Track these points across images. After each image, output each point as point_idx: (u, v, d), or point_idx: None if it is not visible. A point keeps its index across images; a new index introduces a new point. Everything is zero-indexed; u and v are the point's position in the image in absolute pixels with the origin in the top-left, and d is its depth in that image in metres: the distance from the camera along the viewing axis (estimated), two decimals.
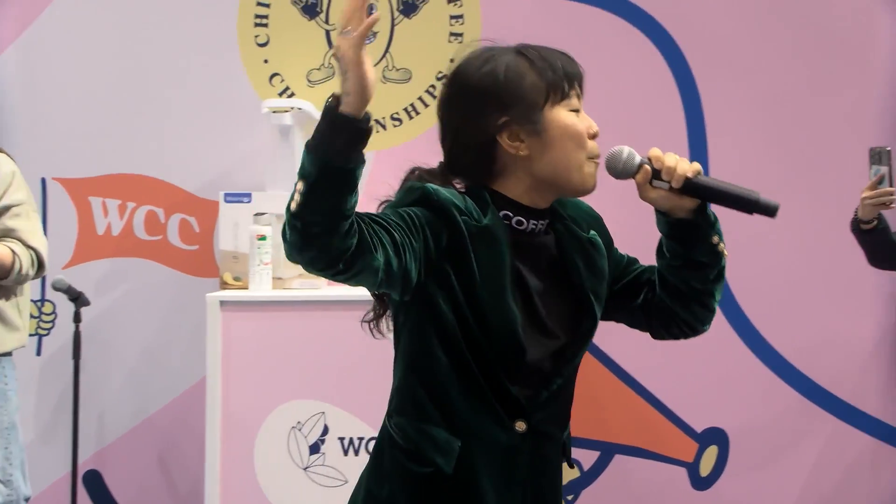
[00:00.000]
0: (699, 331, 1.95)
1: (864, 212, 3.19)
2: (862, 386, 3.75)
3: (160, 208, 3.88)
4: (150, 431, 3.87)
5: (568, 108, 1.80)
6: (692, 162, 1.82)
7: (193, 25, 3.86)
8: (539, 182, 1.82)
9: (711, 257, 1.87)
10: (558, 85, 1.79)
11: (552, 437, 1.87)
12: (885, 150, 3.18)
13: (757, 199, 1.79)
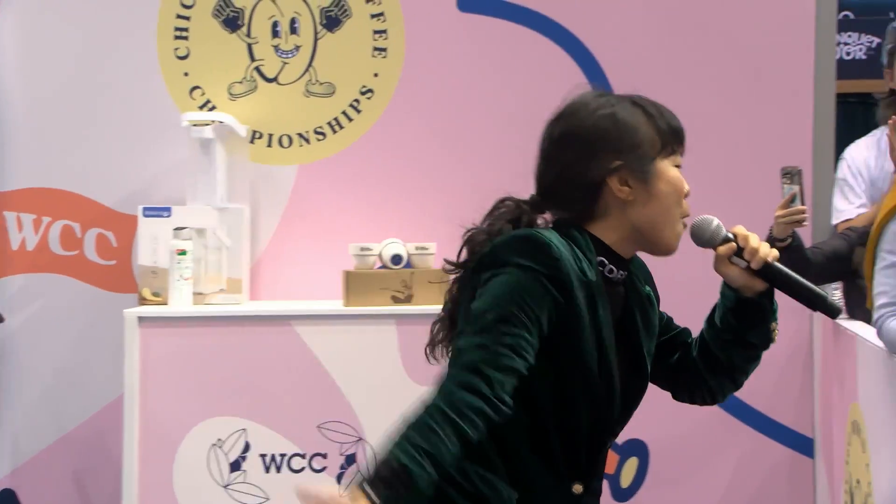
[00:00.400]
0: (718, 401, 2.02)
1: (778, 230, 3.26)
2: (777, 397, 3.81)
3: (77, 223, 3.82)
4: (66, 450, 3.80)
5: (674, 163, 1.87)
6: (772, 248, 1.87)
7: (112, 37, 3.81)
8: (635, 231, 1.85)
9: (764, 340, 1.92)
10: (669, 139, 1.86)
11: (597, 493, 1.90)
12: (796, 170, 3.25)
13: (825, 298, 1.86)
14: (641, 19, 3.83)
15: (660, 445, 3.82)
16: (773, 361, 3.78)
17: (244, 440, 3.45)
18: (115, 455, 3.66)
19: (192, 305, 3.51)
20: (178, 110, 3.78)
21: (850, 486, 3.06)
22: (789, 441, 3.81)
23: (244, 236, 3.68)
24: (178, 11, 3.82)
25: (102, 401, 3.77)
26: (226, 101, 3.83)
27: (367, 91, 3.84)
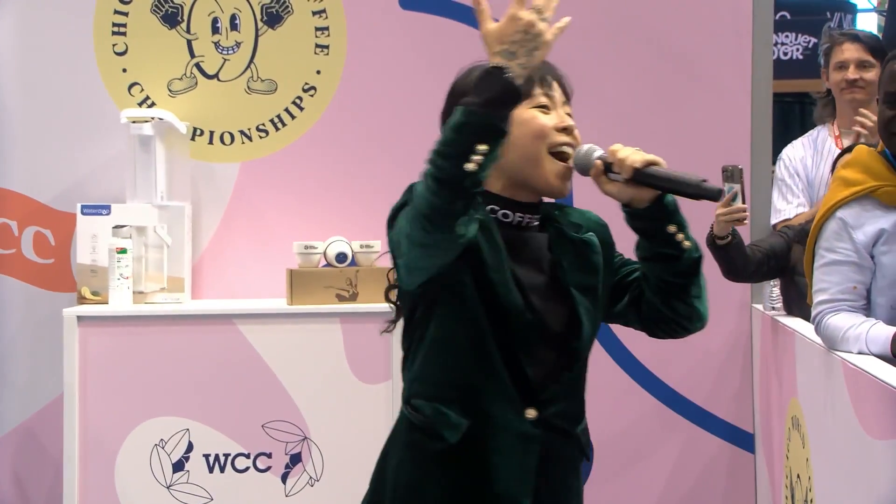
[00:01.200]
0: (689, 329, 2.01)
1: (719, 228, 3.31)
2: (717, 393, 3.87)
3: (13, 221, 3.76)
4: (4, 451, 3.74)
5: (529, 105, 1.91)
6: (641, 153, 1.88)
7: (48, 32, 3.75)
8: (511, 178, 1.93)
9: (673, 248, 1.91)
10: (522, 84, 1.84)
11: (566, 432, 1.95)
12: (737, 169, 3.29)
13: (699, 182, 1.84)
14: (579, 17, 3.82)
15: (602, 441, 3.84)
16: (713, 357, 3.86)
17: (187, 440, 3.42)
18: (55, 456, 3.61)
19: (132, 304, 3.47)
20: (116, 107, 3.74)
21: (790, 481, 3.11)
22: (729, 436, 3.86)
23: (185, 234, 3.64)
24: (115, 7, 3.77)
25: (41, 401, 3.71)
26: (165, 97, 3.79)
27: (310, 88, 3.82)
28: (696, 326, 2.01)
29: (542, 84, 1.94)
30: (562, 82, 1.99)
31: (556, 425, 1.93)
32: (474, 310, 1.88)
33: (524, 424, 1.90)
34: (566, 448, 1.96)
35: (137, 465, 3.39)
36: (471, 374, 1.90)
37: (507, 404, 1.89)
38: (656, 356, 3.85)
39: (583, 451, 2.00)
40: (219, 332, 3.41)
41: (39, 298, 3.73)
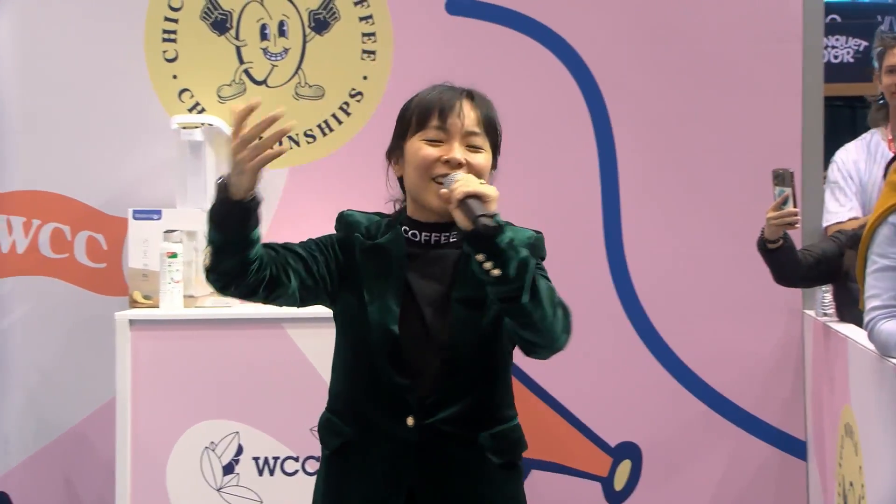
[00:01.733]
0: (535, 353, 2.02)
1: (770, 231, 3.28)
2: (768, 400, 3.84)
3: (66, 225, 3.81)
4: (57, 453, 3.79)
5: (423, 137, 2.07)
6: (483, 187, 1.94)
7: (100, 40, 3.80)
8: (414, 200, 2.12)
9: (484, 275, 1.91)
10: (418, 118, 2.09)
11: (458, 438, 2.05)
12: (788, 172, 3.26)
13: (476, 217, 1.88)
14: (629, 21, 3.85)
15: (652, 448, 3.84)
16: (763, 363, 3.83)
17: (237, 443, 3.44)
18: (106, 458, 3.65)
19: (183, 308, 3.50)
20: (166, 113, 3.78)
21: (843, 489, 3.07)
22: (780, 443, 3.83)
23: None
24: (165, 14, 3.81)
25: (94, 404, 3.76)
26: (215, 103, 3.82)
27: (357, 94, 3.84)
28: (540, 351, 2.00)
29: (439, 116, 2.07)
30: (478, 109, 2.10)
31: (446, 431, 2.04)
32: (356, 327, 2.07)
33: (403, 431, 2.04)
34: (460, 453, 2.06)
35: (188, 467, 3.41)
36: (356, 386, 2.09)
37: (387, 412, 2.05)
38: (705, 361, 3.83)
39: (485, 455, 2.07)
40: (268, 336, 3.43)
41: (92, 302, 3.77)
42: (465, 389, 2.05)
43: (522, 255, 1.90)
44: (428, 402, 2.04)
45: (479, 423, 2.07)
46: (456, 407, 2.05)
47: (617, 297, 3.83)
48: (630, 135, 3.85)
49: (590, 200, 3.85)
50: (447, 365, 2.05)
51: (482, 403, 2.08)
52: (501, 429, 2.11)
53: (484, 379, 2.07)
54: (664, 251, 3.84)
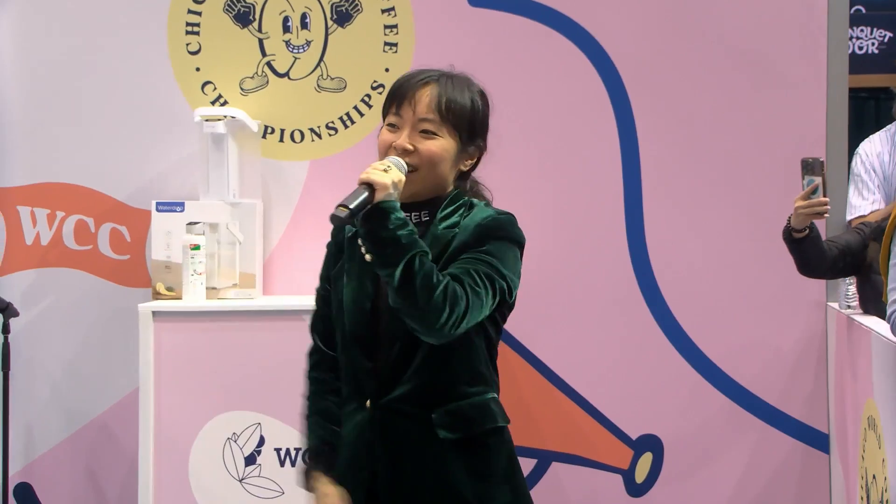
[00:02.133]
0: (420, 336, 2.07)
1: (797, 220, 3.24)
2: (791, 392, 3.82)
3: (90, 217, 3.83)
4: (80, 444, 3.81)
5: (386, 122, 2.20)
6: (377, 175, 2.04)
7: (123, 33, 3.81)
8: None
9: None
10: (384, 104, 2.23)
11: (411, 415, 2.12)
12: (818, 161, 3.23)
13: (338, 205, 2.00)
14: (653, 14, 3.83)
15: (674, 441, 3.83)
16: (786, 355, 3.81)
17: (259, 434, 3.46)
18: (129, 449, 3.68)
19: (205, 300, 3.52)
20: (189, 105, 3.79)
21: (865, 482, 3.06)
22: (803, 436, 3.80)
23: (257, 231, 3.68)
24: (189, 6, 3.83)
25: (116, 395, 3.78)
26: (237, 96, 3.83)
27: (379, 86, 3.84)
28: (421, 337, 2.06)
29: (395, 104, 2.18)
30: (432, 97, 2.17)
31: (399, 409, 2.13)
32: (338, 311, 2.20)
33: (361, 412, 2.15)
34: (414, 430, 2.13)
35: (210, 458, 3.43)
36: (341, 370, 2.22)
37: (354, 396, 2.18)
38: (727, 354, 3.82)
39: (436, 432, 2.12)
40: (289, 328, 3.43)
41: (115, 294, 3.79)
42: (416, 367, 2.12)
43: (403, 242, 2.00)
44: (383, 380, 2.13)
45: (431, 401, 2.13)
46: (408, 385, 2.12)
47: (639, 290, 3.82)
48: (653, 128, 3.84)
49: (612, 193, 3.84)
50: (396, 342, 2.12)
51: (434, 381, 2.13)
52: (458, 405, 2.14)
53: (435, 356, 2.11)
54: (686, 243, 3.83)
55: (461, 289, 2.02)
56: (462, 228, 2.14)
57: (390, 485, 2.14)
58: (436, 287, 2.00)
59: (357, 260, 2.15)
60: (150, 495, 3.38)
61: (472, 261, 2.08)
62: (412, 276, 1.99)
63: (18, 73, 3.81)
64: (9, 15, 3.80)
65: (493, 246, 2.11)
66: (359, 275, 2.16)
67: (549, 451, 3.88)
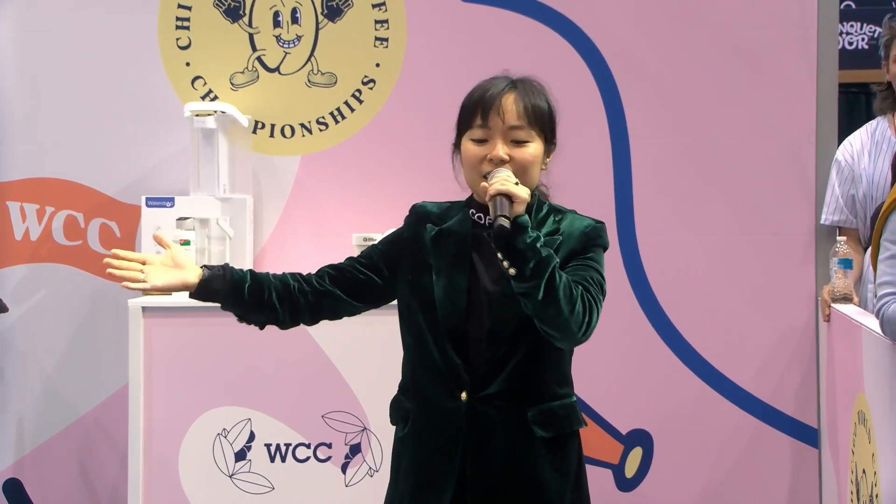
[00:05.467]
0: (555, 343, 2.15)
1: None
2: (781, 388, 3.82)
3: (80, 213, 3.82)
4: (70, 439, 3.81)
5: (471, 137, 2.21)
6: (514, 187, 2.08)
7: (113, 28, 3.80)
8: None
9: (505, 272, 2.08)
10: (464, 118, 2.24)
11: (506, 410, 2.18)
12: None
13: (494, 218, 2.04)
14: (643, 9, 3.83)
15: (664, 435, 3.83)
16: (777, 350, 3.81)
17: (249, 429, 3.45)
18: (120, 444, 3.67)
19: None
20: (179, 100, 3.78)
21: (855, 476, 3.06)
22: (793, 431, 3.81)
23: (247, 226, 3.68)
24: (179, 1, 3.82)
25: (107, 390, 3.78)
26: (228, 91, 3.83)
27: (369, 81, 3.84)
28: (557, 342, 2.14)
29: (481, 115, 2.20)
30: (519, 103, 2.21)
31: (495, 405, 2.18)
32: (414, 312, 2.23)
33: (455, 403, 2.18)
34: (507, 425, 2.18)
35: (200, 454, 3.43)
36: (417, 368, 2.24)
37: (442, 389, 2.20)
38: (717, 348, 3.82)
39: (531, 429, 2.19)
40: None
41: (105, 289, 3.78)
42: (510, 366, 2.18)
43: (543, 255, 2.04)
44: (479, 376, 2.18)
45: (525, 399, 2.20)
46: (503, 383, 2.18)
47: (629, 285, 3.82)
48: (643, 122, 3.84)
49: (602, 188, 3.84)
50: (493, 341, 2.18)
51: (527, 380, 2.19)
52: (549, 406, 2.22)
53: (527, 357, 2.18)
54: (676, 238, 3.83)
55: (589, 297, 2.12)
56: (566, 236, 2.22)
57: (479, 474, 2.19)
58: (576, 298, 2.08)
59: (448, 258, 2.22)
60: (140, 491, 3.38)
61: (583, 268, 2.18)
62: (555, 289, 2.05)
63: (8, 68, 3.80)
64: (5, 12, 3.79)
65: (594, 253, 2.24)
66: (449, 272, 2.21)
67: None
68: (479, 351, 2.19)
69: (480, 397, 2.19)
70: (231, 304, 2.28)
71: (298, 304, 2.28)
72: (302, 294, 2.28)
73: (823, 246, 3.75)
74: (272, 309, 2.27)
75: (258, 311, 2.28)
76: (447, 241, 2.25)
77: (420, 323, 2.22)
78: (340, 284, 2.30)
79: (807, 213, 3.79)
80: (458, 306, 2.19)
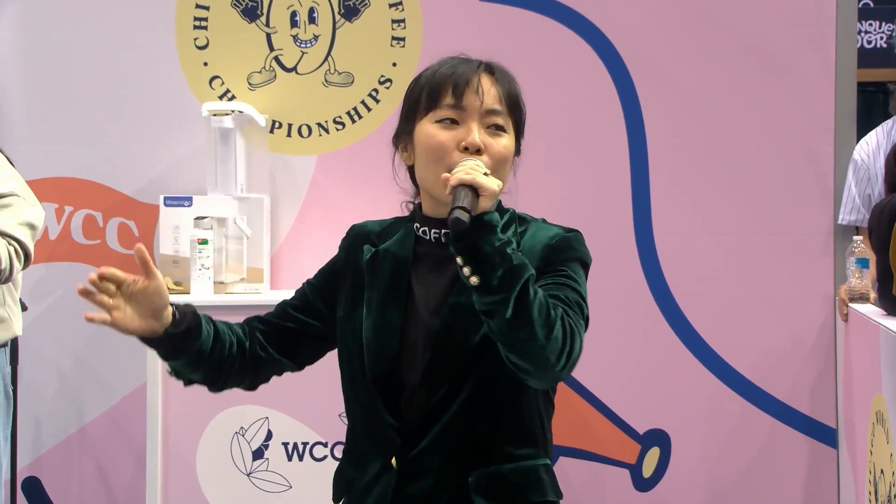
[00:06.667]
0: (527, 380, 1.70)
1: None
2: (799, 387, 3.81)
3: (98, 212, 3.84)
4: (88, 438, 3.83)
5: (434, 118, 1.77)
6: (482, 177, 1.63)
7: (131, 28, 3.82)
8: (427, 196, 1.82)
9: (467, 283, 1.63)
10: (428, 96, 1.78)
11: (441, 473, 1.73)
12: None
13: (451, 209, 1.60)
14: (661, 8, 3.82)
15: (681, 435, 3.83)
16: (795, 350, 3.80)
17: (266, 428, 3.46)
18: (137, 443, 3.68)
19: (213, 294, 3.52)
20: (197, 100, 3.79)
21: (873, 477, 3.05)
22: (812, 431, 3.80)
23: (264, 226, 3.69)
24: (197, 1, 3.83)
25: (125, 389, 3.79)
26: (245, 90, 3.83)
27: (386, 81, 3.84)
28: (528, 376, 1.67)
29: (453, 93, 1.76)
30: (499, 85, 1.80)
31: (428, 466, 1.72)
32: (351, 350, 1.81)
33: (385, 471, 1.75)
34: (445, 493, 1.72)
35: (218, 452, 3.44)
36: (353, 423, 1.85)
37: (375, 452, 1.77)
38: (735, 348, 3.81)
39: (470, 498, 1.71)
40: None
41: None
42: (448, 415, 1.72)
43: (515, 262, 1.60)
44: (410, 432, 1.73)
45: (468, 460, 1.73)
46: (438, 437, 1.72)
47: (646, 285, 3.82)
48: (660, 122, 3.83)
49: (620, 188, 3.84)
50: (428, 384, 1.73)
51: (469, 434, 1.73)
52: (499, 469, 1.74)
53: (470, 403, 1.72)
54: (693, 237, 3.82)
55: (570, 321, 1.66)
56: (527, 251, 1.74)
57: None
58: (554, 320, 1.62)
59: (381, 287, 1.80)
60: (158, 489, 3.39)
61: (555, 286, 1.71)
62: (528, 306, 1.59)
63: (28, 67, 3.82)
64: (17, 8, 3.81)
65: (568, 268, 1.75)
66: (382, 306, 1.78)
67: (556, 445, 3.84)
68: (412, 401, 1.74)
69: (411, 458, 1.73)
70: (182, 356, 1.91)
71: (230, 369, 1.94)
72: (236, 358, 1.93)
73: (841, 245, 3.74)
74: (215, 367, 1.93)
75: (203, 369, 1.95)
76: (382, 266, 1.81)
77: (349, 371, 1.81)
78: (273, 343, 1.92)
79: (825, 212, 3.78)
80: (388, 348, 1.75)
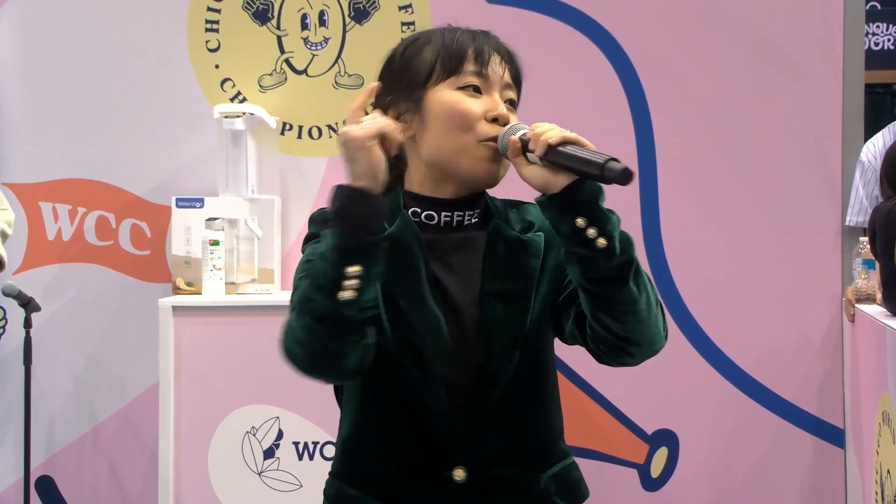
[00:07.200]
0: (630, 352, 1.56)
1: None
2: (807, 387, 3.82)
3: (111, 213, 3.87)
4: (101, 437, 3.85)
5: (456, 85, 1.60)
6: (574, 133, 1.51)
7: (143, 30, 3.84)
8: (432, 167, 1.61)
9: (584, 247, 1.47)
10: (447, 61, 1.61)
11: (511, 480, 1.58)
12: None
13: (603, 163, 1.47)
14: (668, 9, 3.84)
15: (689, 435, 3.84)
16: (802, 350, 3.81)
17: (278, 428, 3.49)
18: (149, 443, 3.71)
19: (224, 295, 3.55)
20: (208, 102, 3.82)
21: (880, 477, 3.06)
22: (819, 431, 3.81)
23: (275, 227, 3.71)
24: (208, 4, 3.86)
25: (137, 389, 3.82)
26: (256, 92, 3.86)
27: None
28: (638, 351, 1.55)
29: (476, 60, 1.61)
30: (510, 60, 1.65)
31: (495, 475, 1.55)
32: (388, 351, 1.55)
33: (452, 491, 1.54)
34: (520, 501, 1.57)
35: (229, 452, 3.46)
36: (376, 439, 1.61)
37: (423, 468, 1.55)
38: (742, 348, 3.83)
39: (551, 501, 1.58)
40: None
41: (135, 289, 3.83)
42: (512, 416, 1.57)
43: (625, 236, 1.50)
44: (471, 439, 1.55)
45: (524, 461, 1.59)
46: (503, 442, 1.56)
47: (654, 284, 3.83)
48: (668, 123, 3.85)
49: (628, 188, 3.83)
50: (486, 382, 1.56)
51: (537, 433, 1.60)
52: (563, 467, 1.65)
53: (535, 399, 1.59)
54: (701, 237, 3.84)
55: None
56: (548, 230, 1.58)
57: None
58: (655, 294, 1.52)
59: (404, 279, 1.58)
60: (171, 488, 3.42)
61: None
62: (642, 272, 1.49)
63: (41, 70, 3.85)
64: (32, 11, 3.84)
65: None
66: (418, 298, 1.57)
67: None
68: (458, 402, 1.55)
69: (478, 465, 1.54)
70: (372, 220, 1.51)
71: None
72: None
73: (849, 246, 3.75)
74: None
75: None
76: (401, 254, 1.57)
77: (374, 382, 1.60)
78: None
79: (832, 213, 3.79)
80: (444, 343, 1.55)
